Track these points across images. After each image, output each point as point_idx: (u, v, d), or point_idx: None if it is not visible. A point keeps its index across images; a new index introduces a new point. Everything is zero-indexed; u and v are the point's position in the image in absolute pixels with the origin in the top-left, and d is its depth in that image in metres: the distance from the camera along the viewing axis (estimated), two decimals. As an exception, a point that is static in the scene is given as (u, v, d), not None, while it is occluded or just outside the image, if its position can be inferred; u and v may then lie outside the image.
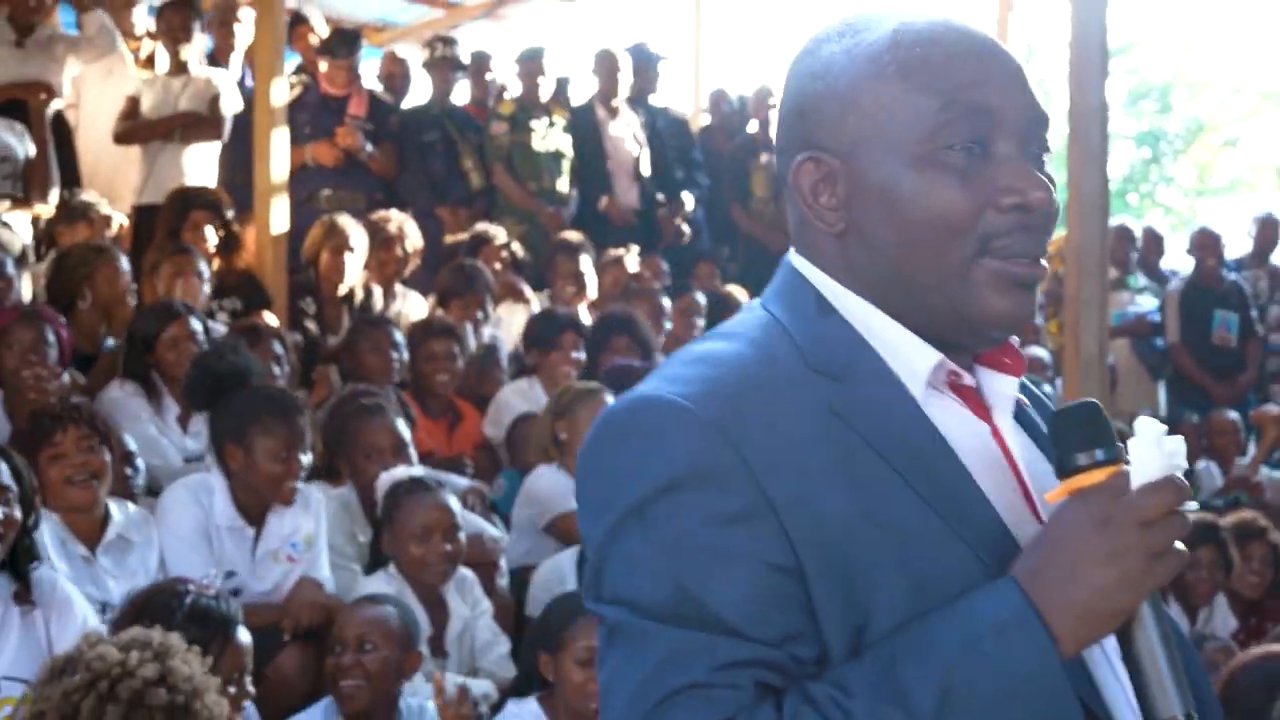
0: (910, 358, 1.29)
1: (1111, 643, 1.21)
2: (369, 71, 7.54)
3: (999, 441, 1.31)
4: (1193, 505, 1.19)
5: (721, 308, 6.47)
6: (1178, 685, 1.18)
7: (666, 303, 6.37)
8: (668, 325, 6.24)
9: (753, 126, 8.57)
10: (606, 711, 1.20)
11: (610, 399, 4.48)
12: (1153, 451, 1.19)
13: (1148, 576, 1.16)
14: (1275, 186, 25.92)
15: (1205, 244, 8.16)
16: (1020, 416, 1.36)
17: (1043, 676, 1.13)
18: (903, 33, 1.29)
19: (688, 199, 7.70)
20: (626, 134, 7.60)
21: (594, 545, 1.23)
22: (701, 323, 6.40)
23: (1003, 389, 1.34)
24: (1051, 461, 1.26)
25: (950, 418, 1.29)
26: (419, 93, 7.60)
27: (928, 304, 1.29)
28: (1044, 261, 1.29)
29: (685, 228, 7.68)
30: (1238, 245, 9.11)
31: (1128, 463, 1.19)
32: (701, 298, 6.61)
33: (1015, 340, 1.36)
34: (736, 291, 6.89)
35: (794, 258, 1.36)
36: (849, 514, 1.18)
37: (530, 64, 7.46)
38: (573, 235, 6.58)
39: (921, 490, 1.22)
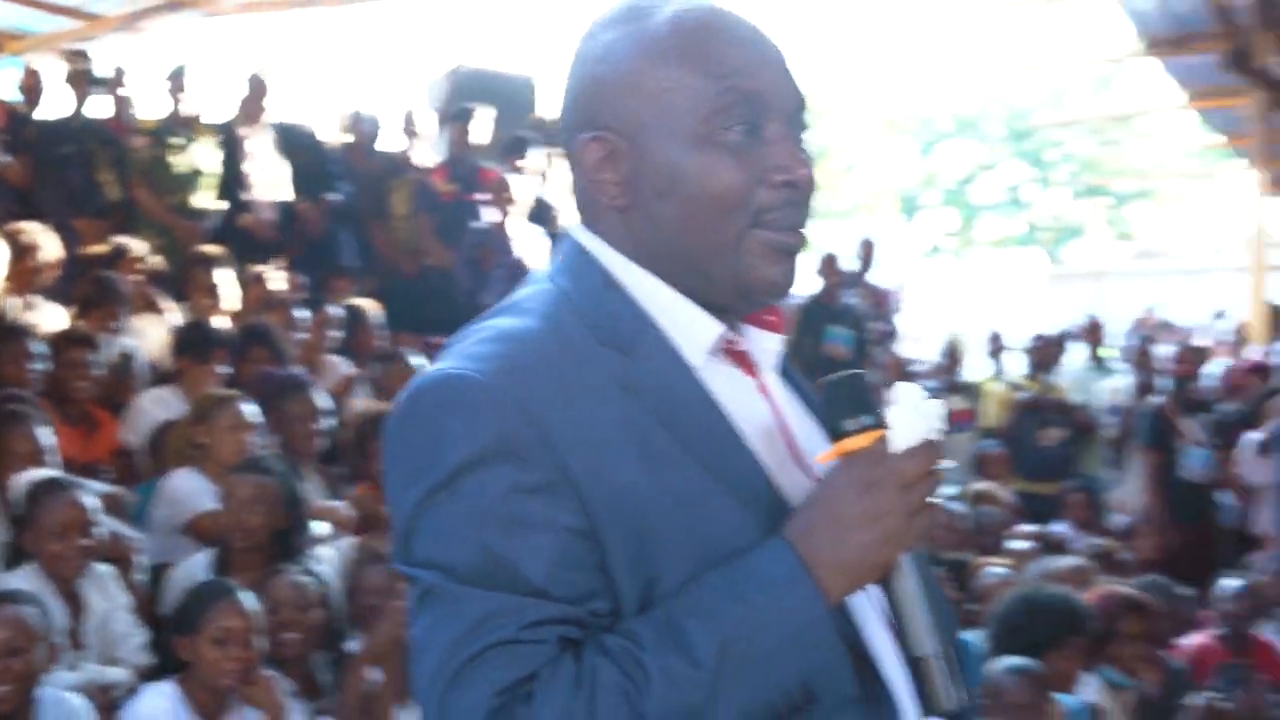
0: (692, 329, 1.40)
1: (875, 590, 1.34)
2: (8, 81, 7.49)
3: (769, 400, 1.44)
4: (949, 464, 1.52)
5: (355, 321, 6.92)
6: (932, 627, 1.32)
7: (304, 315, 6.69)
8: (303, 336, 6.55)
9: (394, 145, 8.86)
10: (419, 667, 1.28)
11: (245, 407, 4.84)
12: (912, 415, 1.32)
13: (907, 533, 1.29)
14: (892, 210, 28.19)
15: (826, 265, 9.07)
16: (784, 370, 1.51)
17: (813, 629, 1.25)
18: (681, 19, 1.39)
19: (330, 199, 8.06)
20: (267, 151, 7.85)
21: (404, 513, 1.31)
22: (336, 334, 6.76)
23: (768, 346, 1.47)
24: (814, 413, 1.46)
25: (727, 384, 1.40)
26: (58, 104, 7.61)
27: (706, 274, 1.39)
28: (804, 232, 1.42)
29: (323, 223, 7.99)
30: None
31: (889, 427, 1.32)
32: (337, 311, 6.93)
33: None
34: (370, 306, 7.24)
35: (579, 233, 1.45)
36: (640, 484, 1.28)
37: (173, 80, 7.61)
38: (210, 249, 6.74)
39: (703, 459, 1.32)
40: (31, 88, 7.54)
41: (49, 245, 6.07)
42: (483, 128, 8.65)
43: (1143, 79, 22.85)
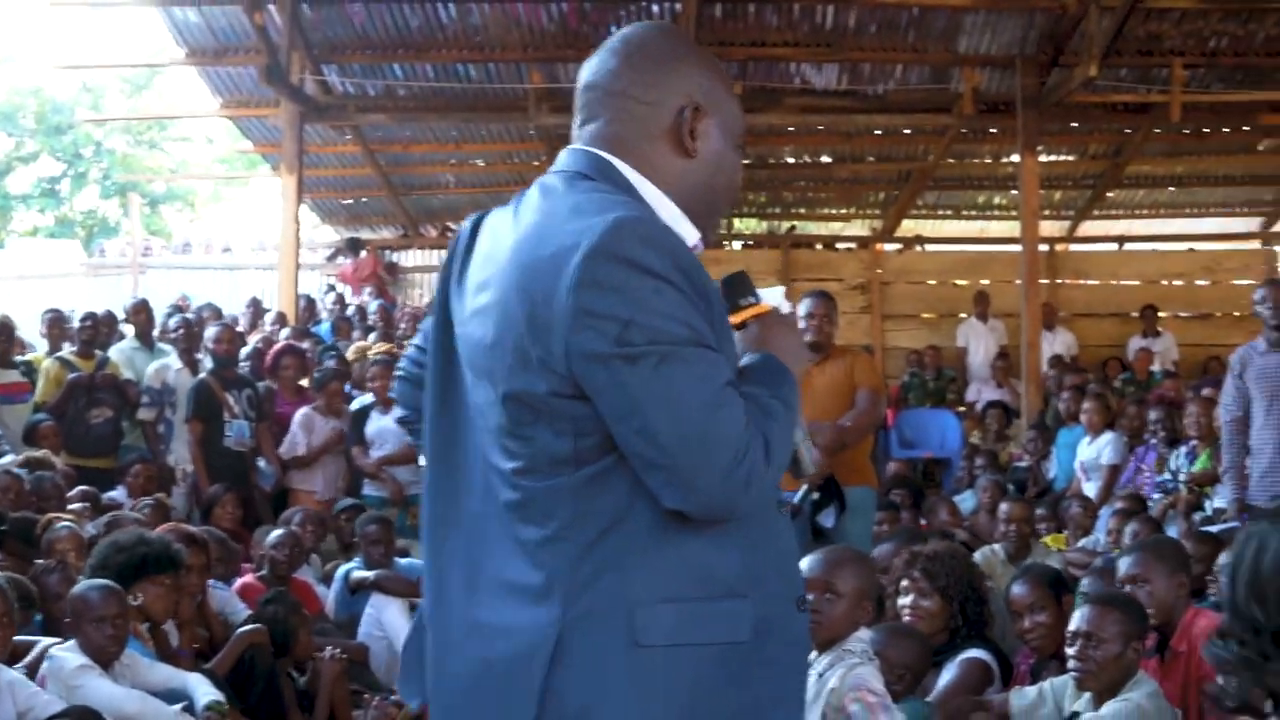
0: (682, 230, 2.19)
1: None
2: None
3: None
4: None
5: None
6: (809, 451, 2.28)
7: None
8: None
9: None
10: (678, 408, 1.95)
11: None
12: (776, 296, 2.36)
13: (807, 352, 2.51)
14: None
15: None
16: None
17: (798, 406, 2.18)
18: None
19: None
20: None
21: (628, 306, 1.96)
22: None
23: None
24: None
25: None
26: None
27: (705, 214, 2.26)
28: None
29: None
30: None
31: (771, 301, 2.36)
32: None
33: None
34: None
35: (610, 157, 2.20)
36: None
37: None
38: None
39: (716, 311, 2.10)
40: None
41: None
42: None
43: (181, 85, 24.10)
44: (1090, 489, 9.33)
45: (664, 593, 2.03)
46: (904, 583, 4.90)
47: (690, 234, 2.23)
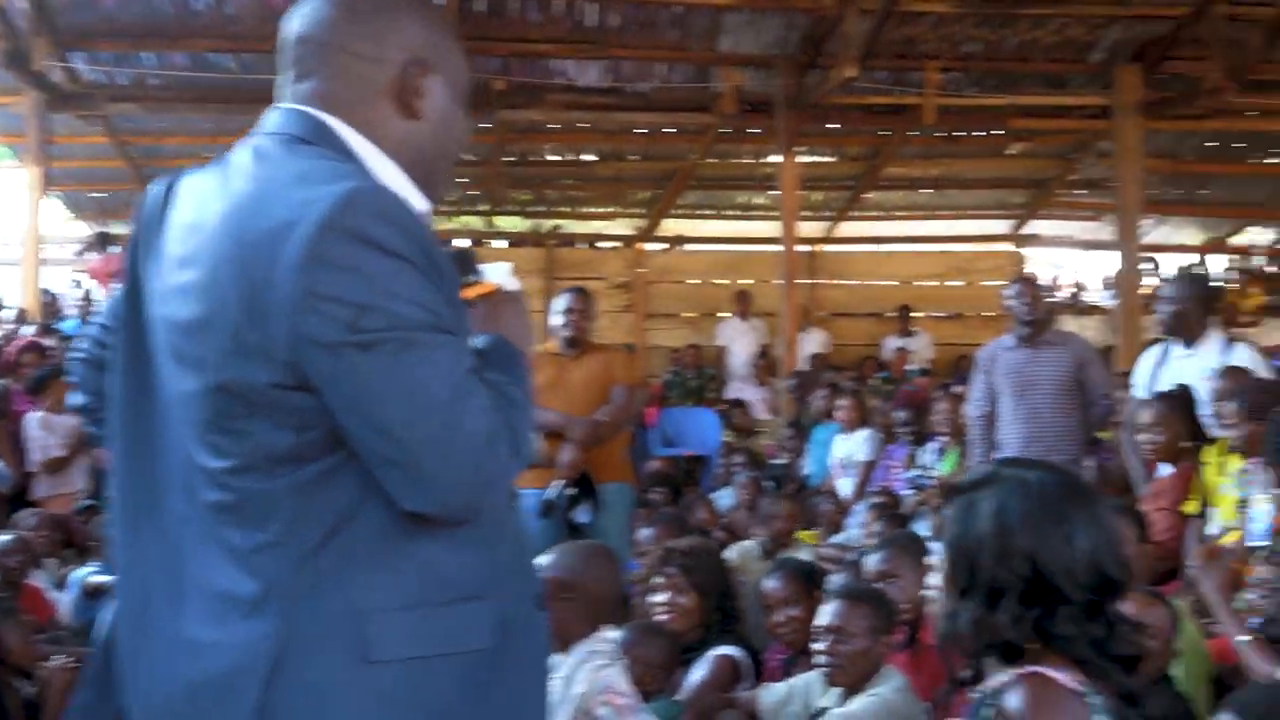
0: (413, 200, 1.98)
1: None
2: None
3: None
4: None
5: None
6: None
7: None
8: None
9: None
10: (426, 397, 1.78)
11: None
12: (503, 274, 2.19)
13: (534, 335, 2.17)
14: None
15: None
16: None
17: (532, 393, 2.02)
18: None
19: None
20: None
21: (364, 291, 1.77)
22: None
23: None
24: None
25: None
26: None
27: (432, 179, 2.08)
28: None
29: None
30: None
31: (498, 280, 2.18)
32: None
33: None
34: None
35: (327, 118, 1.99)
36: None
37: None
38: None
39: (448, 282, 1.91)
40: None
41: None
42: None
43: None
44: (845, 485, 9.46)
45: (398, 600, 1.86)
46: (657, 579, 4.80)
47: (418, 203, 2.03)
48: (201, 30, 12.44)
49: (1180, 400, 5.92)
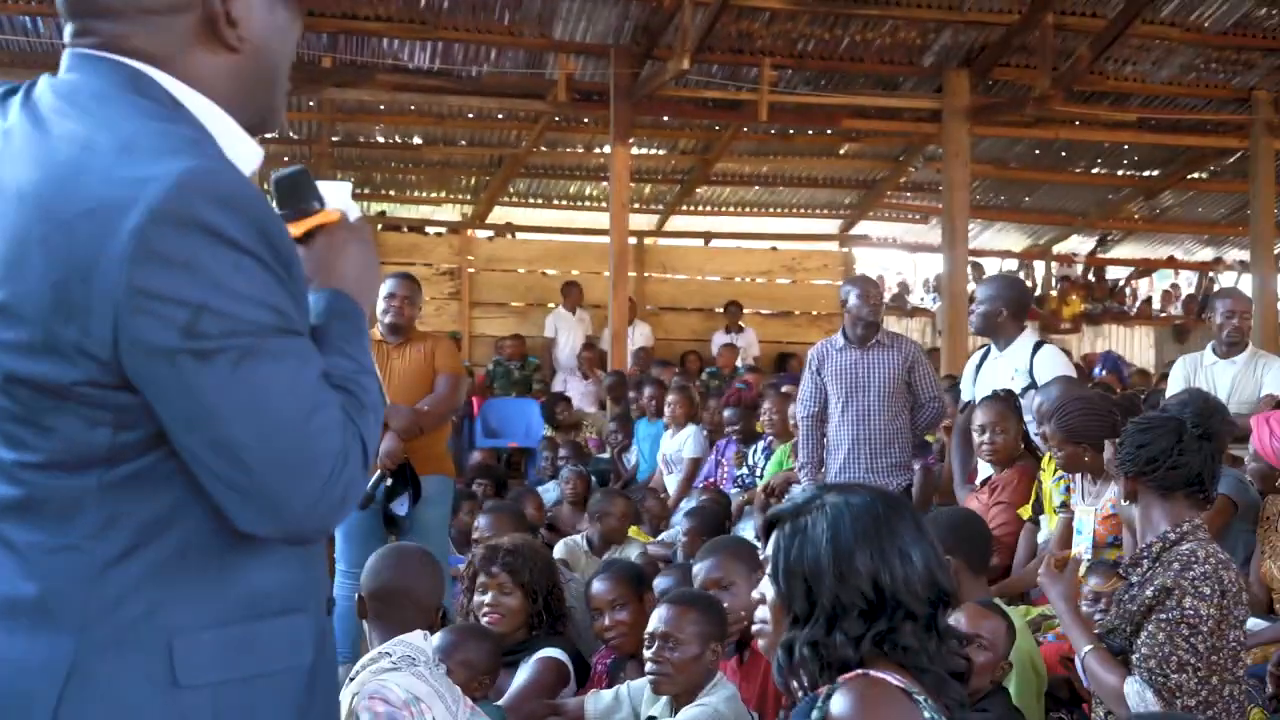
0: (243, 152, 1.75)
1: None
2: None
3: None
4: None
5: None
6: None
7: None
8: None
9: None
10: (277, 401, 1.60)
11: None
12: (343, 196, 1.95)
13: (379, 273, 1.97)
14: None
15: None
16: None
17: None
18: None
19: None
20: None
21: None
22: None
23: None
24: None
25: None
26: None
27: (267, 106, 1.82)
28: None
29: None
30: None
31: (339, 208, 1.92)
32: None
33: None
34: None
35: (144, 67, 1.69)
36: None
37: None
38: None
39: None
40: None
41: None
42: None
43: None
44: (672, 482, 9.40)
45: (210, 616, 1.66)
46: (481, 579, 4.63)
47: (253, 153, 1.80)
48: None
49: (1014, 403, 5.95)
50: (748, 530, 8.05)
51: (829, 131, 15.19)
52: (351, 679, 3.23)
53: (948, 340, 13.05)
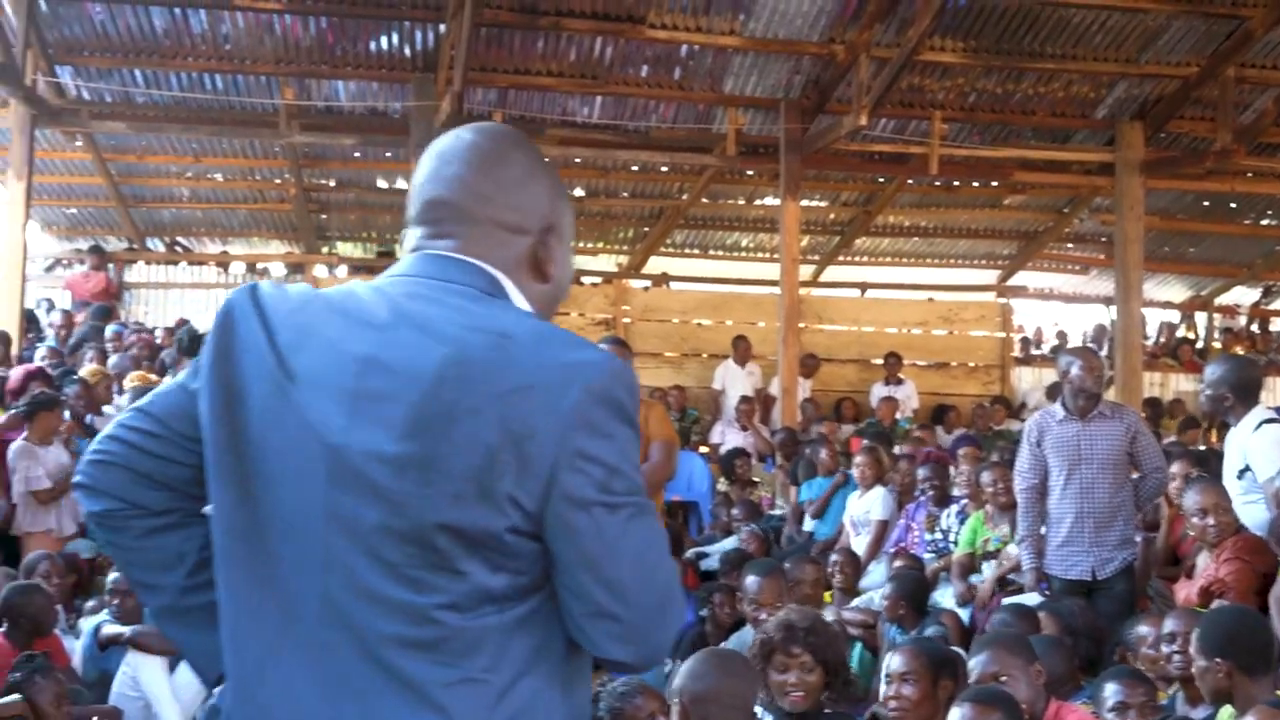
0: None
1: None
2: None
3: None
4: None
5: None
6: None
7: None
8: None
9: None
10: (657, 573, 1.94)
11: None
12: None
13: None
14: None
15: None
16: None
17: None
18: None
19: None
20: None
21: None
22: None
23: None
24: None
25: None
26: None
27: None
28: None
29: None
30: None
31: None
32: None
33: None
34: None
35: (497, 274, 2.02)
36: None
37: None
38: None
39: None
40: None
41: None
42: None
43: None
44: (859, 544, 9.34)
45: None
46: (779, 657, 4.64)
47: None
48: (195, 49, 12.24)
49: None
50: (946, 597, 8.00)
51: (995, 184, 15.09)
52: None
53: (1121, 396, 12.85)
